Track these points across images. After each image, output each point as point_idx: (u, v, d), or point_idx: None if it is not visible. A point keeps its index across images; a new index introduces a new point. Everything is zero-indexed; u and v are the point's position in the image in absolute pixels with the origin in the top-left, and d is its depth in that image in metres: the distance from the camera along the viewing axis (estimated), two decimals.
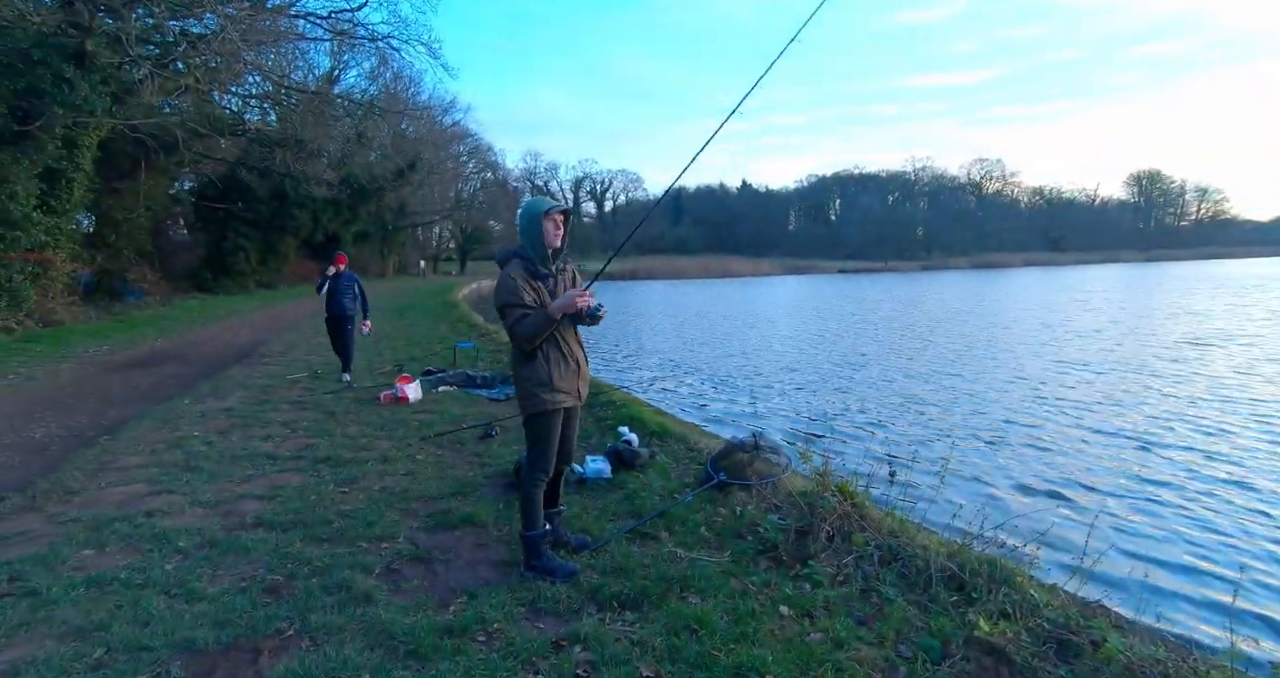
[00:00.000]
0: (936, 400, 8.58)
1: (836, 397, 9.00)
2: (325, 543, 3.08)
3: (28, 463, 4.42)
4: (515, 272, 2.73)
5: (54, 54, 12.59)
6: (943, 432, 7.06)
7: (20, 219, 13.11)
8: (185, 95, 18.49)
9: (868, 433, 7.14)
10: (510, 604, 2.57)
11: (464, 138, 51.55)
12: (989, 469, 5.85)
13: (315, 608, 2.44)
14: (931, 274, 61.08)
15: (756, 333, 17.58)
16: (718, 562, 3.02)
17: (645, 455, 4.53)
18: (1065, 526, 4.39)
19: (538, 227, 2.77)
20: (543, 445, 2.82)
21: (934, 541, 3.13)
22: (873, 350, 13.56)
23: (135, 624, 2.32)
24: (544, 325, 2.68)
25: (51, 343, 10.93)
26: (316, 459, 4.35)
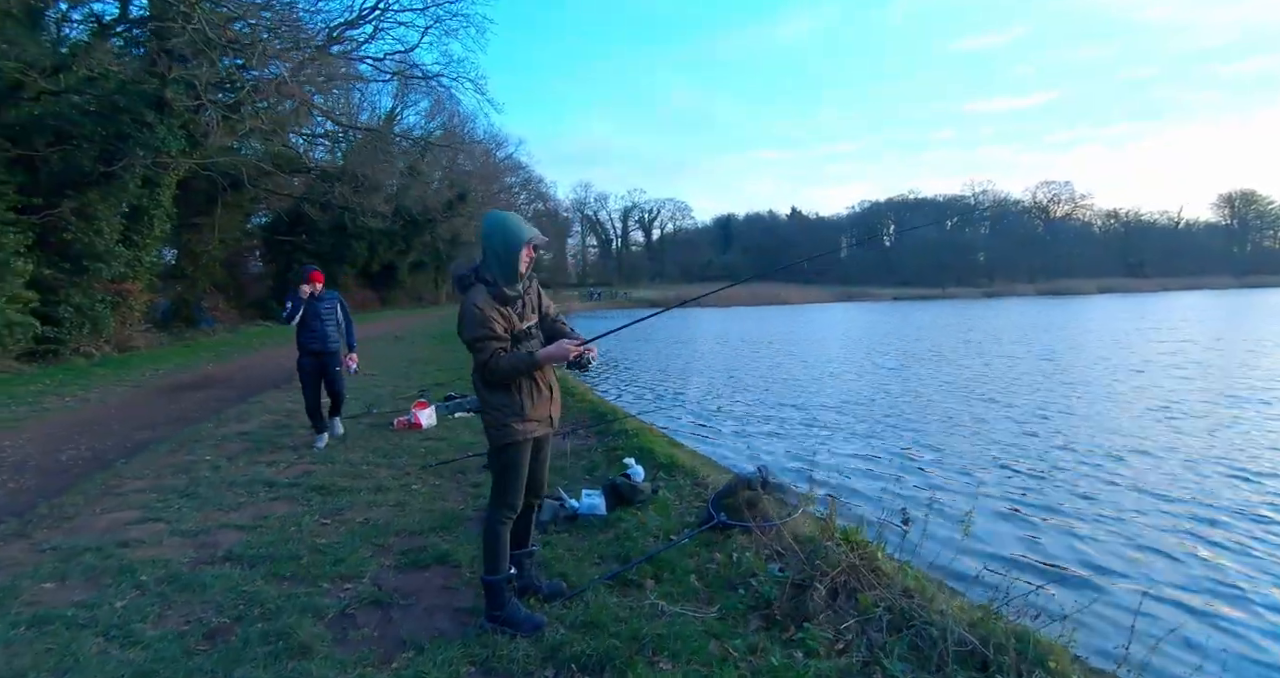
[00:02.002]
0: (983, 441, 7.83)
1: (881, 432, 8.32)
2: (286, 581, 2.85)
3: (43, 487, 4.42)
4: (480, 300, 2.45)
5: (137, 100, 13.48)
6: (981, 475, 6.36)
7: (104, 252, 13.90)
8: (255, 137, 19.65)
9: (903, 474, 6.47)
10: (459, 662, 2.26)
11: (516, 170, 53.21)
12: (1033, 525, 5.09)
13: (245, 661, 2.19)
14: (995, 301, 57.86)
15: (797, 360, 16.96)
16: (702, 618, 2.63)
17: (647, 491, 4.17)
18: (1114, 598, 3.74)
19: (514, 254, 2.49)
20: (510, 478, 2.52)
21: (957, 604, 2.65)
22: (921, 381, 12.77)
23: (56, 673, 2.12)
24: (524, 368, 2.43)
25: (118, 367, 11.43)
26: (310, 487, 4.18)
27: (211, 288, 23.05)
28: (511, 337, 2.47)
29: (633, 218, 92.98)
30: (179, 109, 14.26)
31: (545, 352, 2.47)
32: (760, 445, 7.67)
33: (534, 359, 2.43)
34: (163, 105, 13.89)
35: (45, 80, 11.51)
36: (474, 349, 2.44)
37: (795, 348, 20.02)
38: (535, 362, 2.44)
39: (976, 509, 3.95)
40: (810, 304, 58.75)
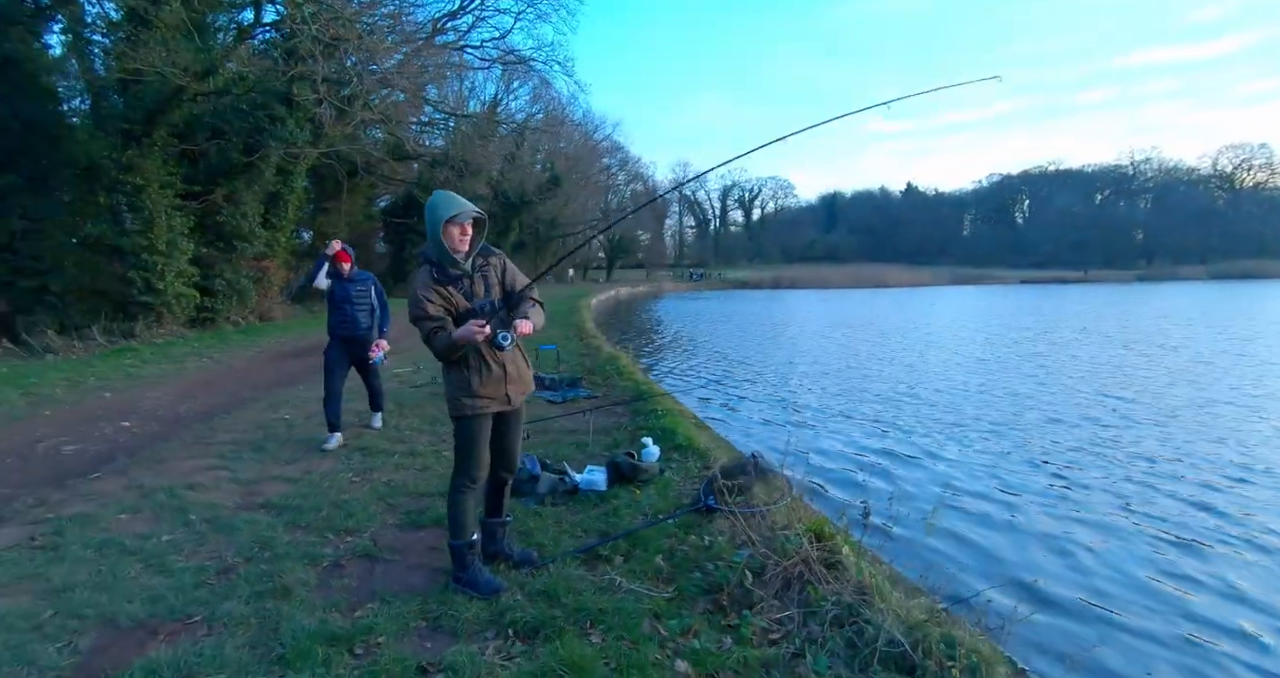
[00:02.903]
0: (1055, 440, 7.05)
1: (958, 431, 7.69)
2: (300, 530, 3.20)
3: (158, 433, 5.22)
4: (421, 280, 2.53)
5: (270, 98, 14.99)
6: (1021, 478, 5.75)
7: (248, 233, 15.74)
8: (372, 127, 21.21)
9: (935, 468, 6.01)
10: (412, 617, 2.44)
11: (613, 151, 53.49)
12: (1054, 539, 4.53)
13: (234, 597, 2.51)
14: (1150, 286, 49.17)
15: (877, 346, 16.03)
16: (653, 597, 2.65)
17: (653, 470, 4.19)
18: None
19: (437, 232, 2.49)
20: (467, 450, 2.63)
21: (912, 604, 2.47)
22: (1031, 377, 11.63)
23: (96, 590, 2.55)
24: (445, 350, 2.49)
25: (254, 334, 13.03)
26: (356, 447, 4.62)
27: None
28: (458, 315, 2.53)
29: (732, 197, 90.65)
30: (304, 104, 15.71)
31: (456, 333, 2.46)
32: (794, 434, 7.39)
33: (450, 340, 2.46)
34: (290, 101, 15.36)
35: (198, 83, 13.07)
36: (416, 327, 2.53)
37: (884, 335, 18.88)
38: (450, 340, 2.45)
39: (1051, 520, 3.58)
40: (920, 287, 53.31)
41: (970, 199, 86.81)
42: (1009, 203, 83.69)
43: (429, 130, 26.39)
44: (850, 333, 18.77)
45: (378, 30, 15.82)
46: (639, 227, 64.38)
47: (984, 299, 36.53)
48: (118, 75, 12.21)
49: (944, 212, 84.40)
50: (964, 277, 60.85)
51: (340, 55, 15.00)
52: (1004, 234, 79.38)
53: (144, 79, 11.91)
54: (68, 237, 11.82)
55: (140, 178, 12.15)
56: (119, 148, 12.06)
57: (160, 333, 11.93)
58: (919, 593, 2.66)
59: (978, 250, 74.69)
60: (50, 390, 6.94)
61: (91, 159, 11.80)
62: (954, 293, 44.87)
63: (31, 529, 3.22)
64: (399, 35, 17.27)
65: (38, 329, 10.53)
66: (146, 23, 11.95)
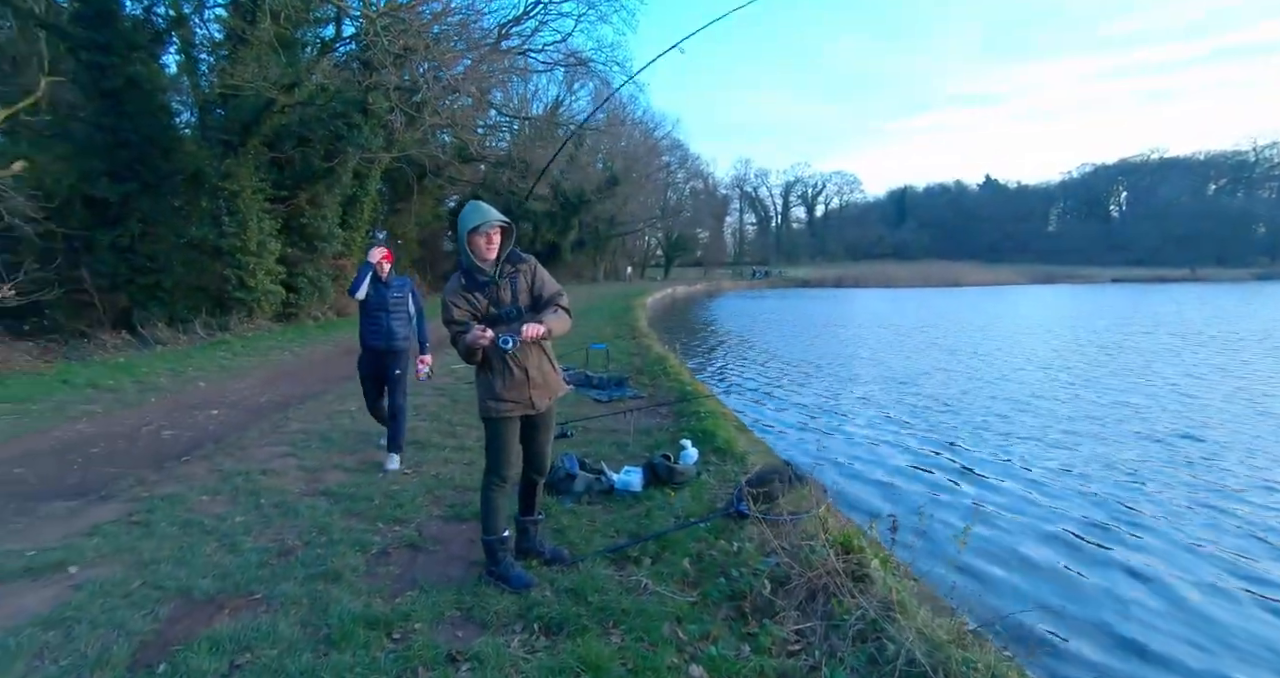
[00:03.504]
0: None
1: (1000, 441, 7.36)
2: (354, 518, 3.43)
3: (240, 421, 5.69)
4: (451, 286, 2.69)
5: (349, 106, 15.90)
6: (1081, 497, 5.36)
7: (327, 234, 16.76)
8: (440, 132, 22.10)
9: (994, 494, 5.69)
10: (447, 607, 2.58)
11: (673, 149, 53.32)
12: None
13: (291, 578, 2.72)
14: (1275, 284, 44.57)
15: (944, 350, 15.31)
16: (677, 600, 2.68)
17: (690, 473, 4.20)
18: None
19: (463, 241, 2.62)
20: (494, 450, 2.75)
21: (939, 623, 2.38)
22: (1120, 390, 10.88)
23: (176, 565, 2.83)
24: (464, 349, 2.61)
25: (331, 329, 13.88)
26: (411, 441, 4.85)
27: (410, 264, 26.75)
28: (485, 319, 2.63)
29: (794, 193, 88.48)
30: (379, 112, 16.55)
31: (465, 337, 2.56)
32: (849, 447, 7.18)
33: (464, 343, 2.57)
34: (366, 109, 16.22)
35: (286, 96, 14.02)
36: (447, 329, 2.68)
37: (953, 336, 18.01)
38: (462, 345, 2.58)
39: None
40: (998, 286, 50.16)
41: (1057, 192, 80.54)
42: (1103, 195, 77.11)
43: (493, 133, 27.22)
44: (909, 334, 18.02)
45: (446, 39, 16.45)
46: (697, 224, 63.95)
47: (1072, 299, 34.09)
48: (219, 90, 13.28)
49: (1027, 205, 78.61)
50: (1046, 275, 56.63)
51: (411, 64, 15.71)
52: (1096, 229, 73.09)
53: (241, 93, 12.90)
54: (177, 238, 12.96)
55: (236, 184, 13.18)
56: (219, 157, 13.13)
57: (250, 327, 12.91)
58: (947, 612, 2.57)
59: (1065, 247, 69.18)
60: (156, 379, 7.67)
61: (197, 168, 12.90)
62: (1037, 292, 41.96)
63: (130, 506, 3.60)
64: (466, 42, 17.91)
65: (150, 322, 11.64)
66: (244, 41, 12.93)
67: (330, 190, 16.82)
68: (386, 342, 4.35)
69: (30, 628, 2.37)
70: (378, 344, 4.36)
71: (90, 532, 3.25)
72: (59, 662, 2.18)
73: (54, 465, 4.50)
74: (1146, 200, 71.39)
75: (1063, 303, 31.53)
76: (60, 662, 2.18)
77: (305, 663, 2.15)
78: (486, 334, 2.52)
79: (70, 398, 6.55)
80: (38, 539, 3.18)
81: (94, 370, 7.92)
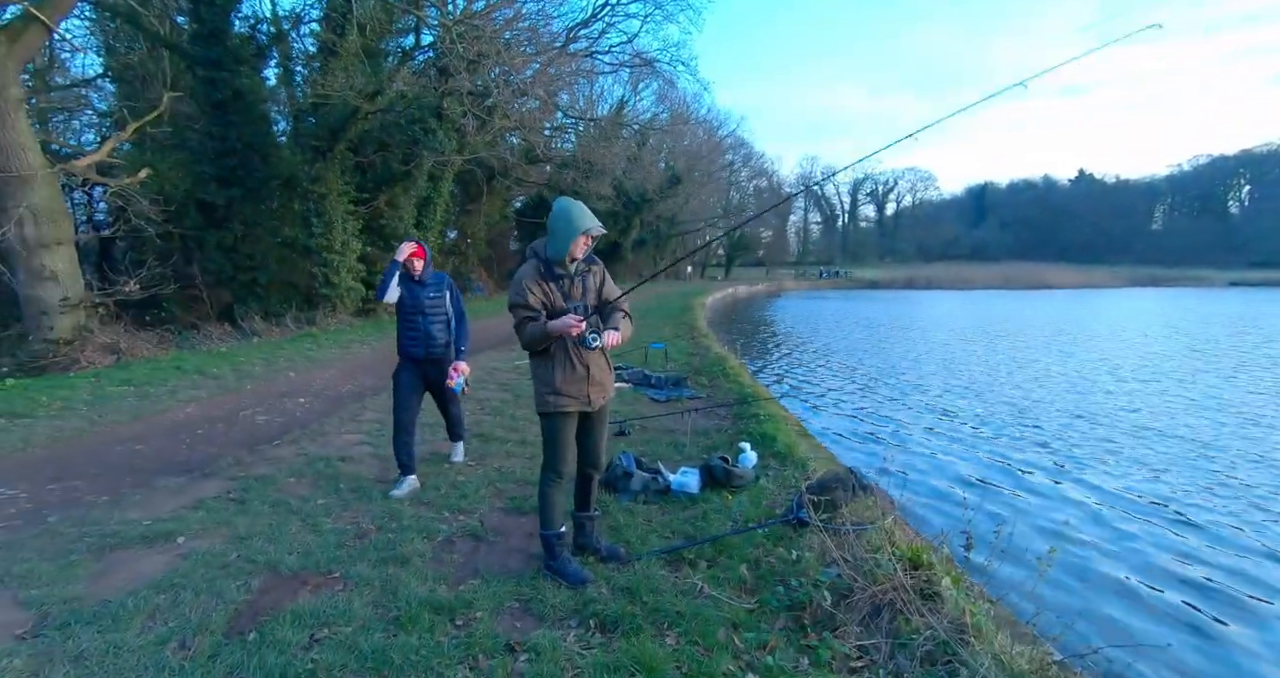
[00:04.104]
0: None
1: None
2: (423, 506, 3.58)
3: (323, 409, 6.07)
4: (527, 272, 2.70)
5: (425, 112, 16.64)
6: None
7: (403, 234, 17.61)
8: (509, 134, 22.76)
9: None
10: (507, 597, 2.64)
11: (737, 148, 52.60)
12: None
13: (365, 559, 2.87)
14: None
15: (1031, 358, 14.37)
16: (733, 606, 2.64)
17: (748, 477, 4.13)
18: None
19: (570, 239, 2.67)
20: (551, 446, 2.79)
21: (1020, 652, 2.22)
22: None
23: (267, 541, 3.05)
24: (537, 337, 2.64)
25: None
26: (475, 434, 5.03)
27: (478, 262, 27.73)
28: (552, 312, 2.67)
29: (863, 191, 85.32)
30: (453, 116, 17.24)
31: (551, 323, 2.61)
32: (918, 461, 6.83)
33: (541, 327, 2.61)
34: (441, 114, 16.93)
35: (369, 103, 14.85)
36: (511, 313, 2.71)
37: (1035, 341, 16.89)
38: (543, 329, 2.61)
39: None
40: (1089, 288, 46.39)
41: (1164, 186, 73.11)
42: (1220, 189, 69.50)
43: (559, 135, 27.76)
44: (985, 340, 17.00)
45: (517, 44, 16.90)
46: (761, 224, 62.87)
47: (1180, 303, 31.16)
48: (311, 100, 14.23)
49: (1127, 201, 71.50)
50: (1151, 277, 51.82)
51: (483, 70, 16.25)
52: (1211, 227, 65.83)
53: (330, 102, 13.75)
54: (272, 239, 14.00)
55: (324, 187, 14.07)
56: (310, 162, 14.06)
57: (334, 321, 13.77)
58: (1028, 640, 2.39)
59: (1172, 246, 62.84)
60: (252, 368, 8.31)
61: (291, 173, 13.88)
62: (1138, 296, 38.48)
63: (229, 484, 3.91)
64: (535, 46, 18.33)
65: (249, 315, 12.63)
66: (334, 53, 13.79)
67: (407, 192, 17.67)
68: (425, 349, 3.85)
69: (145, 591, 2.62)
70: (416, 352, 3.85)
71: (195, 506, 3.56)
72: (168, 623, 2.40)
73: (166, 444, 4.96)
74: (1274, 195, 63.79)
75: (1167, 307, 28.84)
76: (169, 623, 2.40)
77: (376, 642, 2.26)
78: (581, 325, 2.60)
79: (181, 383, 7.20)
80: (152, 511, 3.52)
81: (201, 359, 8.68)
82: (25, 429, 5.26)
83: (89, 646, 2.25)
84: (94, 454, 4.66)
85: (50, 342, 8.35)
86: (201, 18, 11.85)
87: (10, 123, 7.91)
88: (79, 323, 8.63)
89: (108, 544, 3.08)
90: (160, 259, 11.56)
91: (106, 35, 14.44)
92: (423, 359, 3.89)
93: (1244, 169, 68.53)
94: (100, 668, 2.13)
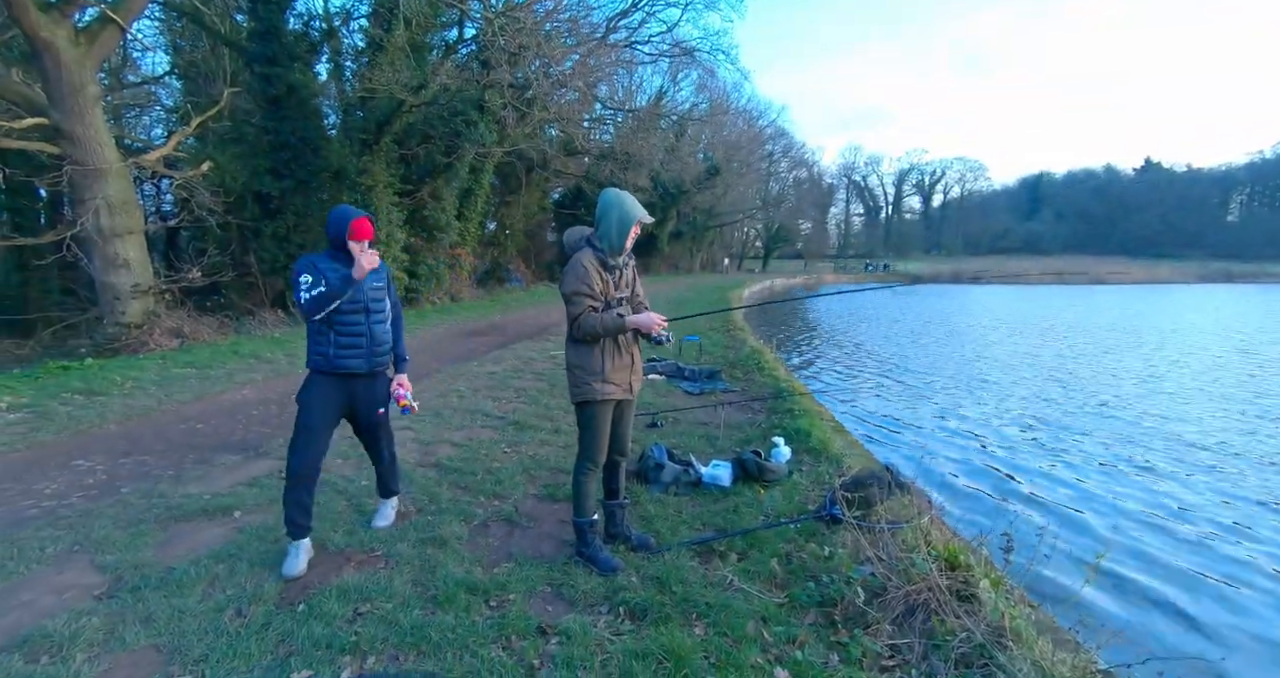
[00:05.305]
0: None
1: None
2: (461, 490, 3.68)
3: None
4: (588, 259, 2.67)
5: (467, 105, 16.88)
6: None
7: (445, 225, 17.98)
8: (549, 126, 22.90)
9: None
10: (539, 581, 2.70)
11: (777, 138, 51.64)
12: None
13: (405, 539, 2.98)
14: None
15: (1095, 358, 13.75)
16: (763, 599, 2.63)
17: (781, 472, 4.10)
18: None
19: (626, 228, 2.69)
20: (590, 435, 2.80)
21: (1060, 660, 2.15)
22: None
23: (316, 518, 3.14)
24: (612, 329, 2.65)
25: (445, 313, 14.93)
26: (511, 421, 5.13)
27: (516, 253, 28.09)
28: (604, 302, 2.70)
29: (909, 182, 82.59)
30: (493, 109, 17.45)
31: (634, 318, 2.67)
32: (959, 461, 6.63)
33: (621, 321, 2.64)
34: (483, 107, 17.15)
35: (414, 96, 15.17)
36: (569, 302, 2.66)
37: (1092, 342, 16.13)
38: (622, 324, 2.64)
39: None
40: (1154, 284, 43.98)
41: (1243, 175, 68.16)
42: None
43: (598, 126, 27.78)
44: (1033, 338, 16.31)
45: (557, 35, 16.95)
46: (799, 215, 61.66)
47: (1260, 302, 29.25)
48: (359, 94, 14.62)
49: (1199, 192, 66.89)
50: (1225, 272, 48.79)
51: (524, 62, 16.38)
52: None
53: (377, 95, 14.10)
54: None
55: (371, 179, 14.47)
56: (358, 154, 14.47)
57: None
58: (1070, 647, 2.31)
59: (1251, 239, 58.77)
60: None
61: (340, 165, 14.33)
62: (1209, 293, 36.06)
63: (279, 464, 4.09)
64: (575, 38, 18.35)
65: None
66: (381, 47, 14.11)
67: (449, 184, 17.99)
68: (369, 360, 2.83)
69: (206, 560, 2.79)
70: (355, 365, 2.78)
71: (250, 483, 3.75)
72: (225, 592, 2.55)
73: (225, 423, 5.23)
74: None
75: (1247, 306, 27.02)
76: (227, 592, 2.55)
77: (415, 619, 2.35)
78: (665, 323, 2.72)
79: (238, 367, 7.56)
80: (212, 486, 3.72)
81: (256, 344, 9.09)
82: (101, 406, 5.63)
83: (156, 609, 2.41)
84: (161, 431, 4.95)
85: (122, 325, 8.89)
86: (259, 15, 12.29)
87: (89, 119, 8.40)
88: (148, 308, 9.15)
89: (172, 516, 3.28)
90: (220, 248, 12.14)
91: (173, 34, 15.14)
92: (362, 374, 2.82)
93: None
94: (167, 630, 2.29)
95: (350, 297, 2.77)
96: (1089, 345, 14.52)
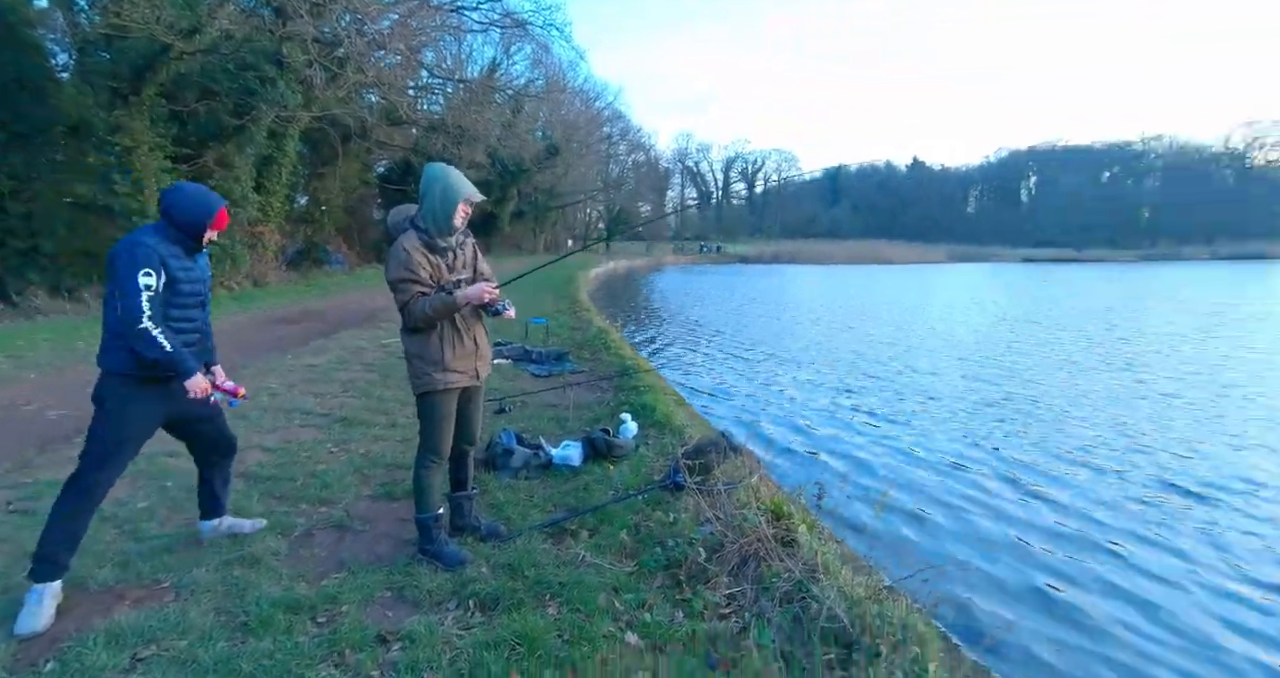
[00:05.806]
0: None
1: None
2: (276, 499, 3.25)
3: None
4: (410, 244, 2.50)
5: (260, 58, 14.58)
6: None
7: (240, 198, 15.49)
8: (366, 91, 20.71)
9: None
10: (377, 587, 2.50)
11: (615, 120, 52.34)
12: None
13: (204, 564, 2.56)
14: (1150, 265, 49.92)
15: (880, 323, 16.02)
16: (614, 571, 2.71)
17: (628, 447, 4.23)
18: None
19: (451, 207, 2.52)
20: (432, 426, 2.65)
21: (858, 582, 2.53)
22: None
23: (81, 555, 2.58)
24: (443, 310, 2.49)
25: (247, 300, 12.97)
26: (338, 419, 4.65)
27: (335, 233, 25.20)
28: (437, 286, 2.53)
29: (735, 169, 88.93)
30: (296, 66, 15.27)
31: (463, 292, 2.51)
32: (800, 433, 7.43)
33: (452, 299, 2.47)
34: (281, 62, 14.94)
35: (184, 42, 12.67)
36: (395, 290, 2.50)
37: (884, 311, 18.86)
38: (453, 301, 2.48)
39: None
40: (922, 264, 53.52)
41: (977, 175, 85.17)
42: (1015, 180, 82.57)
43: (426, 96, 25.78)
44: (844, 312, 18.79)
45: None
46: (639, 199, 63.59)
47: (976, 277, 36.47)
48: (101, 31, 11.83)
49: (950, 188, 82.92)
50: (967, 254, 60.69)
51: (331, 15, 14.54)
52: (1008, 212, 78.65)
53: (130, 35, 11.53)
54: (59, 197, 11.61)
55: (130, 139, 11.91)
56: (107, 106, 11.77)
57: None
58: (867, 571, 2.73)
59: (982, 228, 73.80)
60: (35, 354, 6.94)
61: (80, 117, 11.53)
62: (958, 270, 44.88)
63: (10, 493, 3.27)
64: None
65: (26, 290, 10.47)
66: None
67: (242, 150, 15.51)
68: (201, 356, 2.58)
69: None
70: (187, 364, 2.33)
71: None
72: None
73: None
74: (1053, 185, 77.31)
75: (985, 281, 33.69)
76: None
77: (220, 652, 2.03)
78: (497, 291, 2.56)
79: None
80: None
81: None
82: None
83: None
84: None
85: None
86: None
87: None
88: None
89: None
90: None
91: None
92: (182, 373, 2.32)
93: (1032, 162, 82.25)
94: None
95: (192, 288, 2.45)
96: (879, 320, 17.07)
